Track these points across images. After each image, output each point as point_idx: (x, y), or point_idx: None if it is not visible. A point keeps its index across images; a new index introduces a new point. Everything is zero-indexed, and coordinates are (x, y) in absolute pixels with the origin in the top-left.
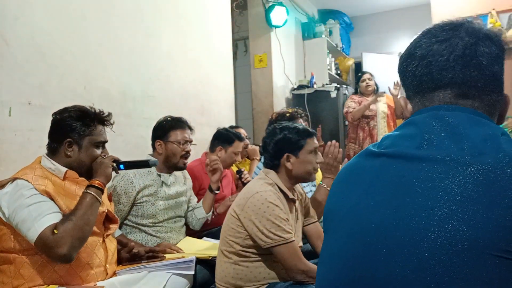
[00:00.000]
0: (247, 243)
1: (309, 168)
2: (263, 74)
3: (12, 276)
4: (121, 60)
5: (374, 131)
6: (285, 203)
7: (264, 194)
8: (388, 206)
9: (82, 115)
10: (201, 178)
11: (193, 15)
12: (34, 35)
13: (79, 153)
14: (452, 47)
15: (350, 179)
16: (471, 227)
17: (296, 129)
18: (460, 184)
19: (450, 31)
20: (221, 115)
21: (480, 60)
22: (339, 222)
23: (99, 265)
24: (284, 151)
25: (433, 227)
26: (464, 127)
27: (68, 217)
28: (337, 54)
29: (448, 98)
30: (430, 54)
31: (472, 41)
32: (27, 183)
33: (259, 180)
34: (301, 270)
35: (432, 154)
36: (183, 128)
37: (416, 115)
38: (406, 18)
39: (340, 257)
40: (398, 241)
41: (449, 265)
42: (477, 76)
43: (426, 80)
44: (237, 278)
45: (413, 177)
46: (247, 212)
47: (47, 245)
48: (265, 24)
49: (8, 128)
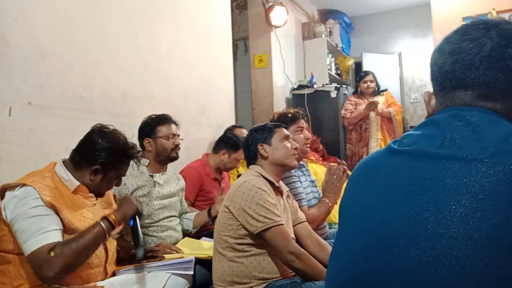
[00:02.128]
0: (240, 234)
1: (283, 152)
2: (263, 74)
3: (12, 276)
4: (121, 60)
5: (365, 133)
6: (273, 192)
7: (251, 181)
8: (406, 201)
9: (120, 150)
10: (202, 179)
11: (193, 15)
12: (34, 35)
13: (101, 181)
14: (480, 47)
15: (368, 174)
16: (491, 225)
17: (263, 125)
18: (481, 183)
19: (482, 30)
20: (221, 115)
21: (507, 63)
22: (354, 216)
23: (98, 265)
24: (257, 142)
25: (453, 223)
26: (486, 127)
27: (69, 242)
28: (337, 54)
29: (469, 98)
30: (457, 51)
31: (502, 43)
32: (34, 192)
33: (246, 174)
34: (291, 251)
35: (453, 152)
36: (169, 123)
37: (438, 114)
38: (406, 18)
39: (353, 249)
40: (414, 235)
41: (467, 261)
42: (501, 79)
43: (450, 78)
44: (233, 275)
45: (433, 175)
46: (236, 201)
47: (37, 263)
48: (265, 24)
49: (8, 128)
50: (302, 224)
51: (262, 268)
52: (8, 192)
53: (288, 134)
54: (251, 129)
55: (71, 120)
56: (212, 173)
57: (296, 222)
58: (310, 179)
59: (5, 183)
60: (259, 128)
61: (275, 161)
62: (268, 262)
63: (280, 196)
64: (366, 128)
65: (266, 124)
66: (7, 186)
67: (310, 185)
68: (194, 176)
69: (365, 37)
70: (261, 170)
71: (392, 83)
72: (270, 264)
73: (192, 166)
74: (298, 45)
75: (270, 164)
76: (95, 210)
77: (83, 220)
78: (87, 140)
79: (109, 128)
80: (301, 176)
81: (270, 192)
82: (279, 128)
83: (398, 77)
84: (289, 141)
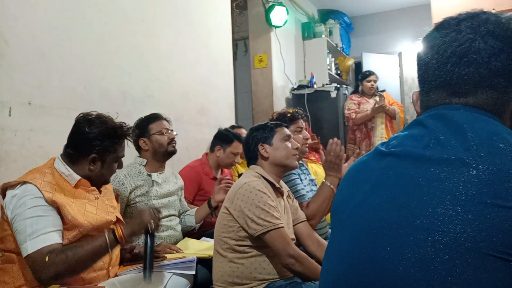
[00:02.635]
0: (240, 235)
1: (284, 153)
2: (263, 74)
3: (15, 276)
4: (121, 60)
5: (371, 132)
6: (273, 193)
7: (251, 183)
8: (393, 204)
9: (111, 132)
10: (200, 178)
11: (193, 15)
12: (34, 35)
13: (101, 168)
14: (448, 44)
15: (357, 177)
16: (475, 228)
17: (264, 124)
18: (465, 184)
19: (452, 26)
20: (221, 115)
21: (473, 58)
22: (345, 219)
23: (102, 268)
24: (257, 142)
25: (437, 226)
26: (469, 126)
27: (67, 250)
28: (337, 54)
29: (443, 97)
30: (430, 51)
31: (469, 36)
32: (35, 190)
33: (246, 174)
34: (290, 255)
35: (438, 154)
36: (160, 120)
37: (422, 114)
38: (406, 18)
39: (344, 254)
40: (401, 239)
41: (452, 265)
42: (468, 74)
43: (425, 78)
44: (233, 276)
45: (419, 177)
46: (236, 203)
47: (34, 266)
48: (265, 24)
49: (8, 128)
50: (302, 223)
51: (262, 269)
52: (9, 191)
53: (289, 133)
54: (251, 128)
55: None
56: (212, 172)
57: (296, 222)
58: (310, 178)
59: (6, 182)
60: (260, 127)
61: (275, 161)
62: (268, 263)
63: (281, 196)
64: (372, 127)
65: (267, 123)
66: (7, 185)
67: (309, 184)
68: (192, 176)
69: (365, 37)
70: (262, 171)
71: (392, 83)
72: (271, 265)
73: (190, 166)
74: (298, 45)
75: (271, 164)
76: (98, 204)
77: (86, 214)
78: (76, 132)
79: (93, 115)
80: (301, 175)
81: (271, 194)
82: (280, 127)
83: (398, 77)
84: (290, 141)
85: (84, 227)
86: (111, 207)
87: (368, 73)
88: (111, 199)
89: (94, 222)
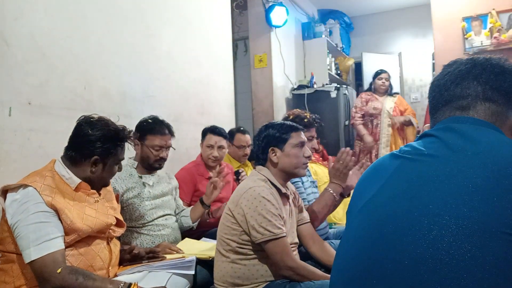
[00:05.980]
0: (243, 239)
1: (294, 161)
2: (263, 74)
3: (15, 276)
4: (121, 60)
5: (377, 129)
6: (279, 198)
7: (257, 189)
8: (403, 196)
9: (113, 135)
10: (195, 180)
11: (193, 15)
12: (34, 35)
13: (102, 170)
14: (453, 70)
15: (372, 175)
16: (481, 213)
17: (281, 124)
18: (472, 178)
19: (458, 61)
20: (221, 115)
21: (471, 79)
22: (358, 212)
23: (101, 268)
24: (269, 145)
25: (445, 213)
26: (475, 134)
27: (79, 273)
28: (337, 54)
29: (449, 112)
30: (439, 76)
31: (468, 66)
32: (36, 195)
33: (252, 177)
34: (289, 266)
35: (447, 153)
36: (162, 134)
37: (432, 129)
38: (406, 18)
39: (356, 242)
40: (411, 225)
41: (460, 245)
42: (467, 92)
43: (435, 101)
44: (235, 277)
45: (428, 172)
46: (240, 207)
47: (40, 272)
48: (265, 24)
49: (8, 128)
50: (306, 224)
51: (264, 271)
52: (9, 194)
53: (304, 140)
54: (267, 124)
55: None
56: (207, 172)
57: (301, 223)
58: (311, 179)
59: (6, 185)
60: (275, 125)
61: (284, 168)
62: (271, 264)
63: (287, 200)
64: (377, 124)
65: (284, 123)
66: (8, 187)
67: (311, 186)
68: (187, 178)
69: (365, 37)
70: (269, 174)
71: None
72: (273, 267)
73: (184, 168)
74: (298, 45)
75: (279, 170)
76: (98, 207)
77: (86, 218)
78: (78, 134)
79: (95, 117)
80: (303, 177)
81: (276, 200)
82: (296, 132)
83: (398, 77)
84: (303, 148)
85: (83, 231)
86: (111, 209)
87: (379, 71)
88: (111, 200)
89: (94, 226)
